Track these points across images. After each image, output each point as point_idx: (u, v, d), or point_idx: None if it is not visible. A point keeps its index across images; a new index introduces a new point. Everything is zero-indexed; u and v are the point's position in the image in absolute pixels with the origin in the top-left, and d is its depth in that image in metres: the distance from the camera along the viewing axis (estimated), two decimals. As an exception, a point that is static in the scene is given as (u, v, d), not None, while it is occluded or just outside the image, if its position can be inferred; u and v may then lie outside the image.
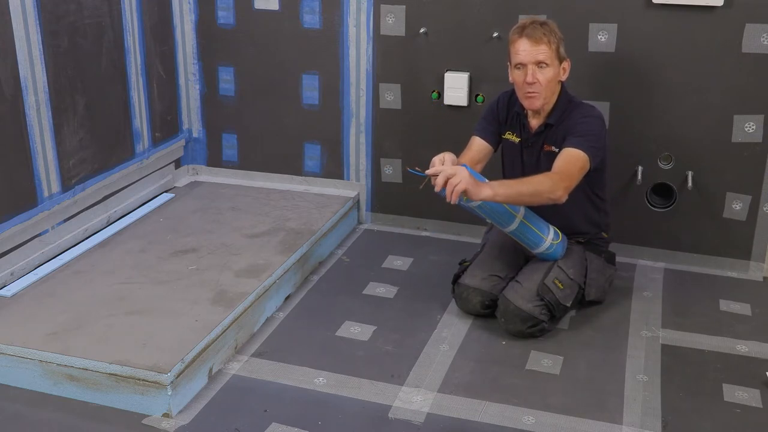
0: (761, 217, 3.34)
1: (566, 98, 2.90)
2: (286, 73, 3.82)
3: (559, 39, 2.80)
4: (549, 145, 2.89)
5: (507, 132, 3.00)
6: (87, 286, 2.97)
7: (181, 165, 4.06)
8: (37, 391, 2.54)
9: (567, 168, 2.74)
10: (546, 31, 2.77)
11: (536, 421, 2.44)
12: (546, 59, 2.76)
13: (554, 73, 2.80)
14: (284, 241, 3.35)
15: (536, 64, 2.77)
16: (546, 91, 2.81)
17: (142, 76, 3.68)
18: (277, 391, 2.57)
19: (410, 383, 2.62)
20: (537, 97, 2.81)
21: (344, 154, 3.85)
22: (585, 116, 2.85)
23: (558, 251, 2.93)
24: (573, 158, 2.76)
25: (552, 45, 2.77)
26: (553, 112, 2.88)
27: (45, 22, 3.05)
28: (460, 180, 2.55)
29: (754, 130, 3.25)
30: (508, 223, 2.83)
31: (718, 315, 3.08)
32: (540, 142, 2.92)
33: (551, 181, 2.70)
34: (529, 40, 2.76)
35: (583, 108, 2.89)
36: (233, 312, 2.78)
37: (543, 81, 2.78)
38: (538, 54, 2.76)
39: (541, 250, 2.92)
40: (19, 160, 3.01)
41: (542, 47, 2.76)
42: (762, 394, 2.58)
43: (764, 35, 3.14)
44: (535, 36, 2.76)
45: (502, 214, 2.79)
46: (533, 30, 2.76)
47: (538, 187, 2.69)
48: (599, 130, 2.86)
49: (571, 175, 2.73)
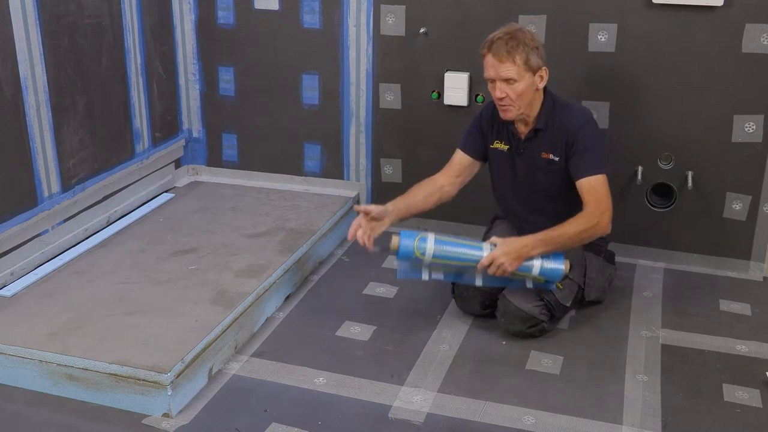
0: (761, 217, 3.34)
1: (550, 102, 2.87)
2: (286, 73, 3.82)
3: (531, 49, 2.72)
4: (547, 153, 2.88)
5: (495, 141, 2.98)
6: (87, 286, 2.97)
7: (181, 165, 4.06)
8: (37, 391, 2.54)
9: (596, 198, 2.75)
10: (511, 47, 2.71)
11: (536, 421, 2.44)
12: (512, 76, 2.72)
13: (525, 85, 2.75)
14: (284, 241, 3.35)
15: (503, 80, 2.74)
16: (519, 102, 2.77)
17: (142, 76, 3.68)
18: (277, 391, 2.57)
19: (410, 383, 2.62)
20: (509, 110, 2.79)
21: (344, 154, 3.86)
22: (582, 126, 2.82)
23: (556, 272, 2.72)
24: (597, 186, 2.76)
25: (518, 60, 2.71)
26: (540, 118, 2.85)
27: (45, 22, 3.05)
28: (503, 262, 2.65)
29: (754, 130, 3.25)
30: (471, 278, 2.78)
31: (718, 315, 3.08)
32: (532, 149, 2.90)
33: (589, 221, 2.72)
34: (495, 57, 2.73)
35: (571, 113, 2.85)
36: (233, 312, 2.78)
37: (513, 95, 2.75)
38: (503, 72, 2.73)
39: (535, 274, 2.73)
40: (19, 160, 3.01)
41: (507, 65, 2.71)
42: (762, 394, 2.58)
43: (764, 35, 3.14)
44: (500, 54, 2.71)
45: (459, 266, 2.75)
46: (498, 47, 2.72)
47: (583, 233, 2.72)
48: (598, 134, 2.86)
49: (603, 203, 2.75)
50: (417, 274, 2.77)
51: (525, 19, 3.37)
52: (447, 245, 2.71)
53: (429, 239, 2.70)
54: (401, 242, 2.69)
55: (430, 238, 2.71)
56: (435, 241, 2.70)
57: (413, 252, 2.69)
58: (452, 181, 3.03)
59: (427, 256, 2.69)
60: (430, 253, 2.69)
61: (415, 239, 2.69)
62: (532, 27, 3.36)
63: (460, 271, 2.78)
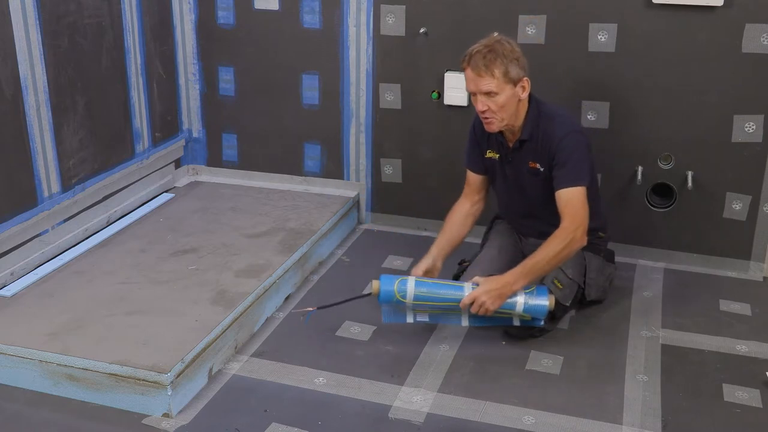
0: (761, 217, 3.34)
1: (535, 112, 2.85)
2: (286, 73, 3.82)
3: (511, 60, 2.70)
4: (534, 163, 2.88)
5: (487, 151, 2.99)
6: (87, 286, 2.97)
7: (181, 165, 4.06)
8: (37, 391, 2.54)
9: (572, 212, 2.75)
10: (489, 60, 2.69)
11: (536, 421, 2.44)
12: (492, 89, 2.71)
13: (506, 98, 2.74)
14: (284, 241, 3.35)
15: (484, 93, 2.74)
16: (501, 114, 2.77)
17: (142, 76, 3.68)
18: (277, 391, 2.57)
19: (410, 383, 2.62)
20: (492, 122, 2.79)
21: (344, 154, 3.86)
22: (563, 137, 2.80)
23: (540, 308, 2.72)
24: (573, 199, 2.76)
25: (497, 73, 2.70)
26: (524, 128, 2.85)
27: (45, 22, 3.05)
28: (485, 301, 2.67)
29: (754, 130, 3.25)
30: (457, 319, 2.79)
31: (718, 315, 3.08)
32: (520, 158, 2.90)
33: (564, 239, 2.72)
34: (473, 71, 2.73)
35: (555, 124, 2.83)
36: (233, 312, 2.77)
37: (494, 107, 2.74)
38: (482, 86, 2.72)
39: (519, 311, 2.73)
40: (19, 160, 3.01)
41: (486, 79, 2.70)
42: (762, 394, 2.58)
43: (764, 35, 3.14)
44: (478, 68, 2.70)
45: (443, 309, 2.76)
46: (476, 61, 2.71)
47: (559, 254, 2.72)
48: (582, 148, 2.82)
49: (579, 217, 2.75)
50: (402, 318, 2.78)
51: (525, 19, 3.37)
52: (427, 286, 2.72)
53: (409, 281, 2.71)
54: (381, 287, 2.70)
55: (410, 280, 2.72)
56: (415, 283, 2.71)
57: (394, 295, 2.70)
58: (477, 199, 3.07)
59: (408, 298, 2.70)
60: (411, 295, 2.70)
61: (395, 283, 2.70)
62: (532, 27, 3.37)
63: (445, 312, 2.78)
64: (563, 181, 2.79)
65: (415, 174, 3.76)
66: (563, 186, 2.78)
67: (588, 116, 3.42)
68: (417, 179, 3.77)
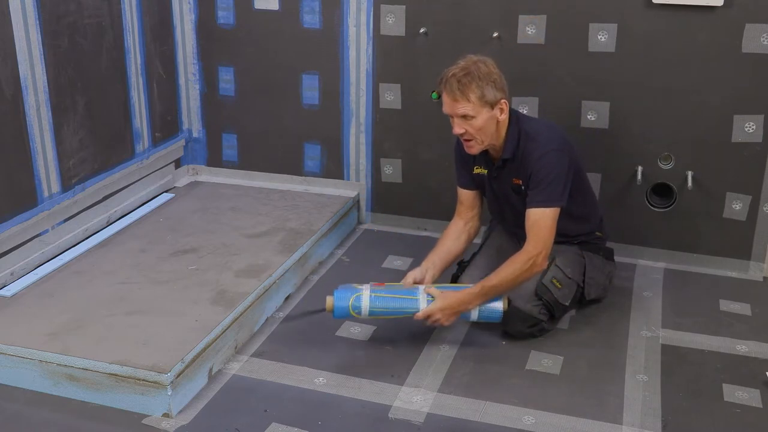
0: (761, 217, 3.34)
1: (515, 131, 2.81)
2: (286, 73, 3.82)
3: (487, 83, 2.67)
4: (517, 179, 2.87)
5: (475, 167, 2.98)
6: (87, 286, 2.97)
7: (181, 165, 4.06)
8: (37, 391, 2.54)
9: (537, 234, 2.74)
10: (464, 84, 2.66)
11: (536, 421, 2.44)
12: (468, 112, 2.69)
13: (483, 120, 2.71)
14: (284, 241, 3.35)
15: (460, 117, 2.72)
16: (480, 136, 2.75)
17: (142, 76, 3.68)
18: (277, 391, 2.57)
19: (410, 383, 2.62)
20: (472, 145, 2.78)
21: (344, 154, 3.86)
22: (540, 157, 2.76)
23: (494, 312, 2.76)
24: (540, 221, 2.74)
25: (472, 97, 2.67)
26: (506, 148, 2.83)
27: (45, 22, 3.05)
28: (439, 318, 2.71)
29: (754, 130, 3.25)
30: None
31: (718, 315, 3.08)
32: (504, 175, 2.89)
33: (524, 263, 2.72)
34: (448, 96, 2.71)
35: (535, 143, 2.79)
36: (233, 312, 2.77)
37: (471, 130, 2.73)
38: (458, 109, 2.70)
39: (474, 319, 2.79)
40: (19, 160, 3.01)
41: (461, 103, 2.68)
42: (762, 394, 2.58)
43: (764, 35, 3.14)
44: (453, 92, 2.68)
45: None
46: (450, 86, 2.69)
47: (518, 278, 2.73)
48: (560, 168, 2.77)
49: (542, 240, 2.74)
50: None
51: (525, 19, 3.37)
52: (383, 301, 2.70)
53: (363, 298, 2.68)
54: (336, 304, 2.68)
55: (365, 297, 2.68)
56: (370, 298, 2.69)
57: (348, 312, 2.68)
58: (471, 216, 3.04)
59: (363, 314, 2.70)
60: (366, 311, 2.69)
61: (350, 300, 2.67)
62: (532, 27, 3.37)
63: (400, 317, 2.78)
64: (534, 201, 2.77)
65: (415, 174, 3.76)
66: (534, 206, 2.77)
67: (588, 116, 3.42)
68: (417, 179, 3.77)
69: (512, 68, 3.02)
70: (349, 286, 2.74)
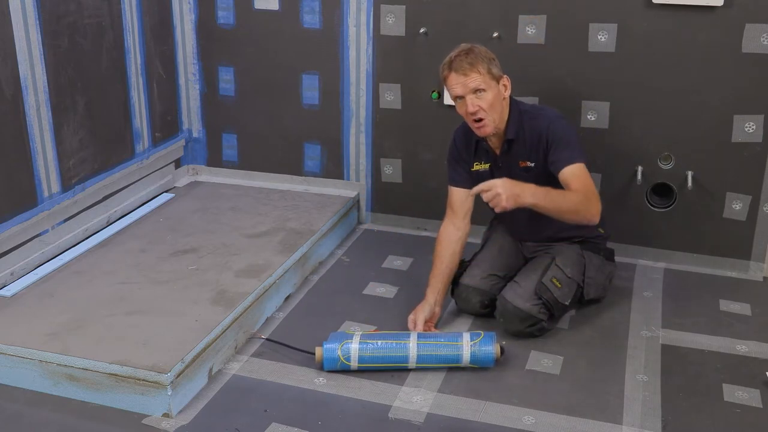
0: (761, 217, 3.34)
1: (516, 111, 2.88)
2: (286, 73, 3.82)
3: (490, 60, 2.76)
4: (524, 161, 2.88)
5: (475, 163, 2.98)
6: (87, 286, 2.97)
7: (181, 165, 4.06)
8: (37, 391, 2.54)
9: (586, 185, 2.74)
10: (472, 59, 2.74)
11: (536, 421, 2.44)
12: (480, 85, 2.74)
13: (494, 94, 2.76)
14: (284, 241, 3.35)
15: (473, 92, 2.75)
16: (492, 114, 2.77)
17: (142, 76, 3.68)
18: (277, 391, 2.57)
19: (410, 383, 2.62)
20: (486, 124, 2.79)
21: (344, 154, 3.86)
22: (550, 124, 2.82)
23: (487, 356, 2.65)
24: (579, 173, 2.75)
25: (482, 69, 2.74)
26: (509, 128, 2.86)
27: (45, 22, 3.05)
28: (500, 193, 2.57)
29: (754, 130, 3.25)
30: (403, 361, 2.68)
31: (718, 315, 3.08)
32: (509, 160, 2.90)
33: (587, 200, 2.70)
34: (458, 73, 2.75)
35: (538, 117, 2.86)
36: (233, 312, 2.78)
37: (485, 106, 2.75)
38: (470, 83, 2.74)
39: (465, 362, 2.66)
40: (19, 160, 3.01)
41: (473, 75, 2.73)
42: (762, 394, 2.58)
43: (764, 35, 3.14)
44: (462, 67, 2.73)
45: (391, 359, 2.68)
46: (459, 62, 2.74)
47: (578, 206, 2.70)
48: (570, 131, 2.86)
49: (593, 191, 2.75)
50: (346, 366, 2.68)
51: (525, 19, 3.37)
52: (372, 348, 2.64)
53: (352, 348, 2.62)
54: (324, 355, 2.63)
55: (354, 348, 2.63)
56: (360, 345, 2.63)
57: (338, 361, 2.63)
58: (462, 224, 3.00)
59: (353, 363, 2.63)
60: (355, 360, 2.63)
61: (337, 349, 2.63)
62: (532, 27, 3.37)
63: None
64: (564, 161, 2.77)
65: (415, 174, 3.76)
66: (563, 165, 2.77)
67: (588, 116, 3.42)
68: (417, 179, 3.77)
69: (512, 68, 3.02)
70: (339, 333, 2.71)
